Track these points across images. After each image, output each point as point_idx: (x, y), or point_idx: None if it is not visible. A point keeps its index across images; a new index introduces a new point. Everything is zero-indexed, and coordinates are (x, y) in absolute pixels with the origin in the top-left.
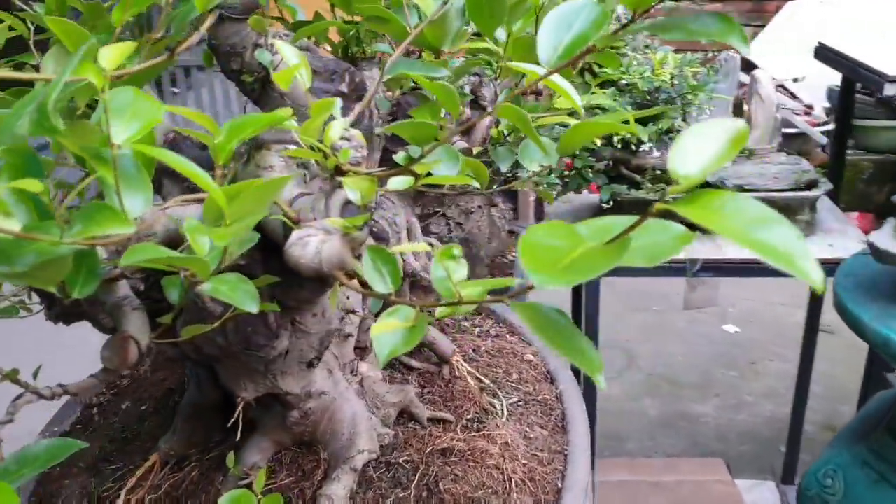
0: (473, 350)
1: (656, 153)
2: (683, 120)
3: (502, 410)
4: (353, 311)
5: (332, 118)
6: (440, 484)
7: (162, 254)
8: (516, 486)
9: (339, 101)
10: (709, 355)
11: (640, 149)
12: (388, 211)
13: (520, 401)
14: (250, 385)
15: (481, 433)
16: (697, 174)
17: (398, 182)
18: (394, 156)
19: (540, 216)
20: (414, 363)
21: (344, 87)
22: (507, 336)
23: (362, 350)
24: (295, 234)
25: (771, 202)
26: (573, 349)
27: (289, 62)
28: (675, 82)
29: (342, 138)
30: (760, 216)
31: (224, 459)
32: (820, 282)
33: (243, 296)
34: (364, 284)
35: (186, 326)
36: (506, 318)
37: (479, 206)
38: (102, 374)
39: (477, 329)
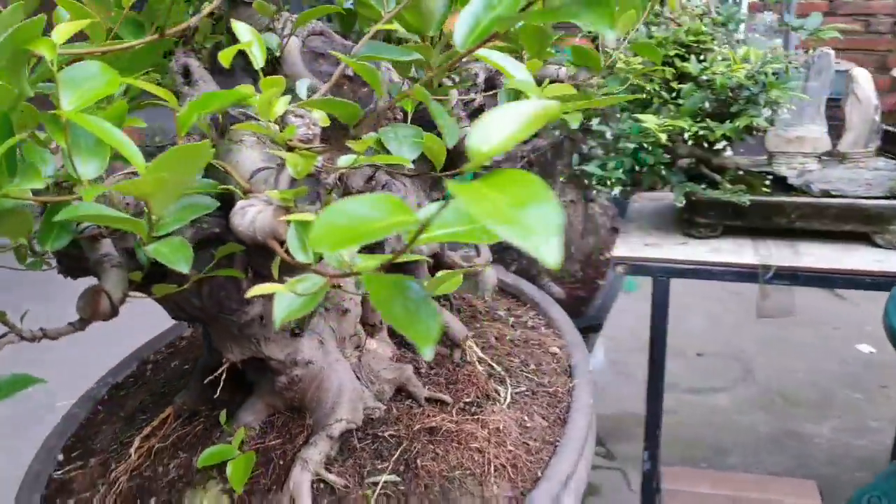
0: (496, 338)
1: (729, 152)
2: (770, 120)
3: (505, 398)
4: (338, 285)
5: (295, 98)
6: (419, 460)
7: (96, 212)
8: (495, 471)
9: (305, 82)
10: (834, 374)
11: (716, 147)
12: (397, 193)
13: (528, 390)
14: (236, 348)
15: (475, 417)
16: (489, 151)
17: (346, 160)
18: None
19: None
20: None
21: (350, 72)
22: (542, 328)
23: (372, 327)
24: (238, 204)
25: (860, 210)
26: (405, 319)
27: (241, 39)
28: (758, 79)
29: (297, 116)
30: (529, 195)
31: (228, 417)
32: (552, 261)
33: (179, 257)
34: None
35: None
36: (548, 310)
37: (572, 201)
38: (78, 322)
39: (512, 319)
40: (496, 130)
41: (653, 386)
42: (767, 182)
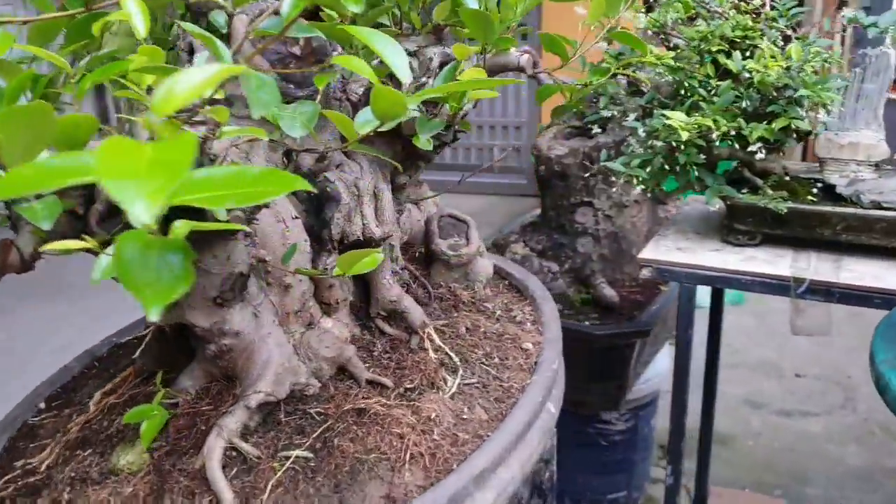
0: (467, 329)
1: (760, 154)
2: (811, 122)
3: (451, 387)
4: (264, 260)
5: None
6: (336, 440)
7: None
8: (411, 458)
9: (204, 54)
10: None
11: (750, 148)
12: (350, 174)
13: (479, 383)
14: (164, 313)
15: (410, 403)
16: (174, 103)
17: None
18: None
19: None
20: (387, 328)
21: (297, 50)
22: (528, 324)
23: (328, 306)
24: None
25: None
26: (140, 280)
27: (123, 9)
28: (796, 78)
29: None
30: (174, 158)
31: (176, 379)
32: (139, 220)
33: (44, 215)
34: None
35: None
36: (540, 307)
37: (636, 201)
38: None
39: (500, 312)
40: (182, 86)
41: (678, 398)
42: (815, 190)
